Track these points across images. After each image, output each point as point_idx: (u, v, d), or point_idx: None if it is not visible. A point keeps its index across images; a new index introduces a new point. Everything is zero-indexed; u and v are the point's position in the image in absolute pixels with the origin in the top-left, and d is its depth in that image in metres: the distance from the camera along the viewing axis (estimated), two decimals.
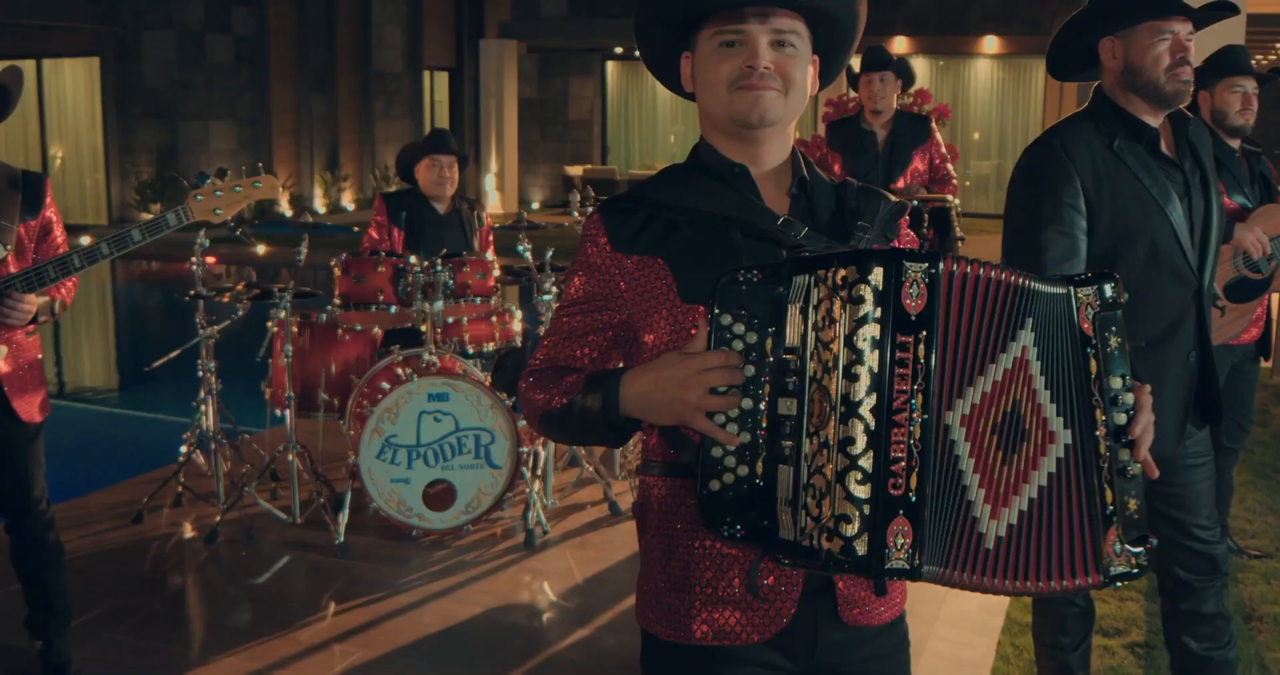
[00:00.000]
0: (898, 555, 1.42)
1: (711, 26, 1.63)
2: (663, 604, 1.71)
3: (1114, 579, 1.54)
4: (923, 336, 1.42)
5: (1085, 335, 1.54)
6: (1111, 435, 1.55)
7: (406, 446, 4.46)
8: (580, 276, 1.74)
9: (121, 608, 3.96)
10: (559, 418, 1.71)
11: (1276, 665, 3.56)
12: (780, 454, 1.52)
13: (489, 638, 3.77)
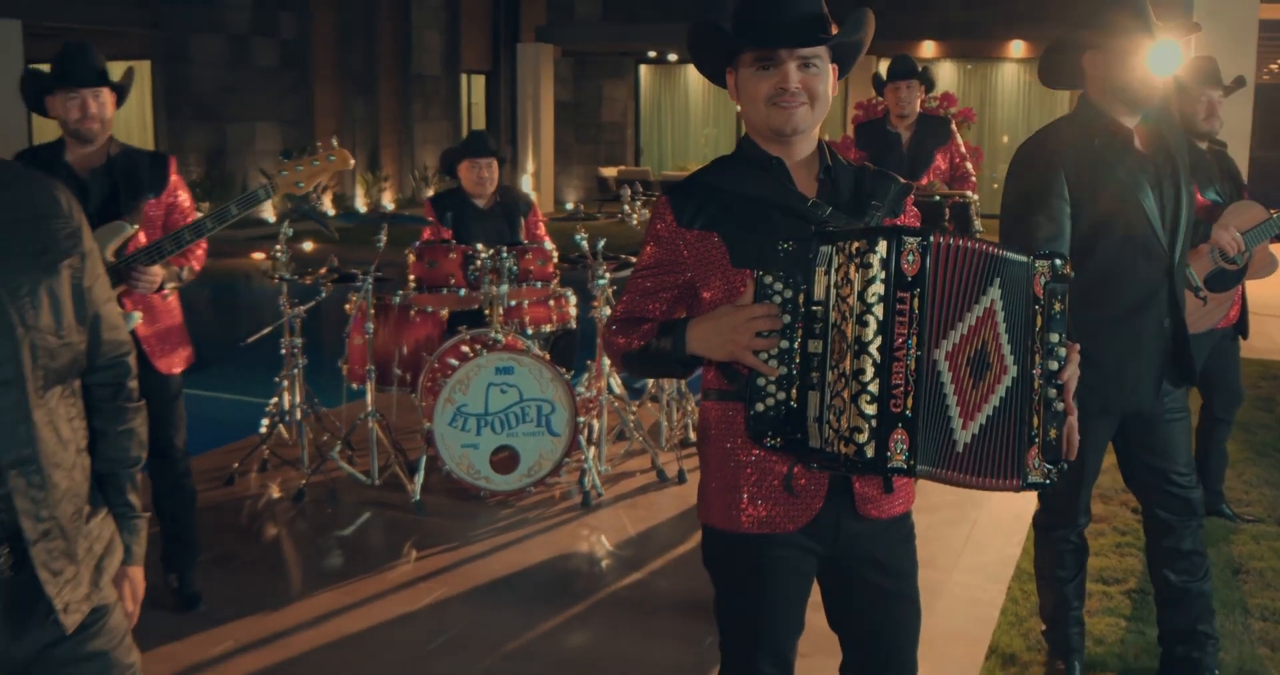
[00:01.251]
0: (897, 457, 1.91)
1: (751, 52, 2.10)
2: (719, 502, 2.19)
3: (1030, 486, 2.05)
4: (917, 292, 1.90)
5: (1037, 296, 2.03)
6: (1044, 377, 2.03)
7: (476, 415, 4.95)
8: (651, 246, 2.22)
9: (225, 553, 4.46)
10: (638, 356, 2.20)
11: (1258, 609, 3.98)
12: (809, 382, 2.01)
13: (552, 580, 4.26)
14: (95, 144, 3.60)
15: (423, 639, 3.77)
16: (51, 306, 1.73)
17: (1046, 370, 2.04)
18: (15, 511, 1.66)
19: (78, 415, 1.83)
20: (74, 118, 3.51)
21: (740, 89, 2.15)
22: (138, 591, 1.97)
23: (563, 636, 3.81)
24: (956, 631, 3.79)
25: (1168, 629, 3.42)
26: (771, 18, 2.06)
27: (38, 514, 1.69)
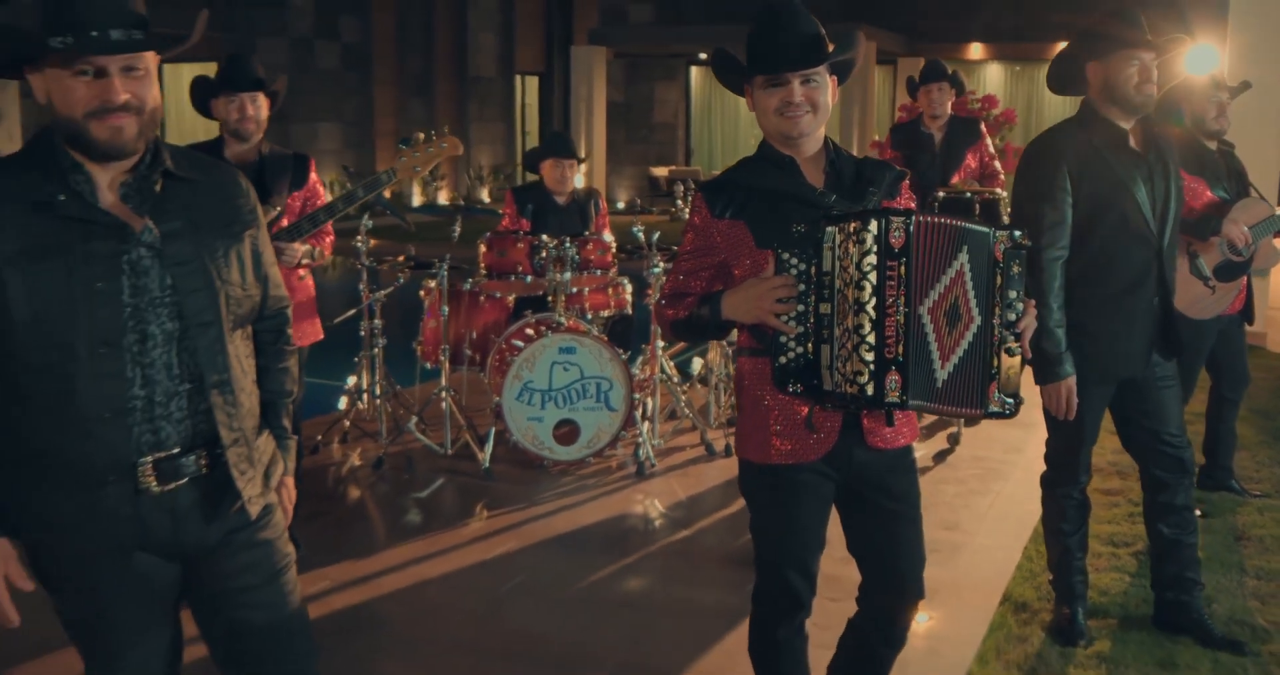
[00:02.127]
0: (893, 394, 2.39)
1: (761, 75, 2.56)
2: (753, 439, 2.65)
3: (990, 414, 2.52)
4: (903, 261, 2.38)
5: (997, 260, 2.47)
6: (1004, 325, 2.48)
7: (541, 391, 5.42)
8: (690, 234, 2.70)
9: (317, 511, 4.96)
10: (684, 323, 2.68)
11: (1254, 569, 4.36)
12: (822, 337, 2.48)
13: (609, 536, 4.72)
14: (250, 142, 4.12)
15: (495, 583, 4.24)
16: (238, 266, 2.21)
17: (1005, 320, 2.49)
18: (215, 422, 2.14)
19: (250, 353, 2.31)
20: (234, 118, 4.04)
21: (755, 102, 2.61)
22: (292, 496, 2.44)
23: (619, 582, 4.27)
24: (975, 582, 4.20)
25: (1159, 577, 3.82)
26: (778, 43, 2.52)
27: (230, 425, 2.17)
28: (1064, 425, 3.64)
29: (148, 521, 2.11)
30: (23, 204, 2.04)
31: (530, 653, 3.67)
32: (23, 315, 2.02)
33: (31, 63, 2.06)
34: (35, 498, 2.09)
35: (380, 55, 20.62)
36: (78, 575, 2.14)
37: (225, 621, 2.24)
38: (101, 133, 2.04)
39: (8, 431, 2.09)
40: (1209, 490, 5.20)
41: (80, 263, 2.03)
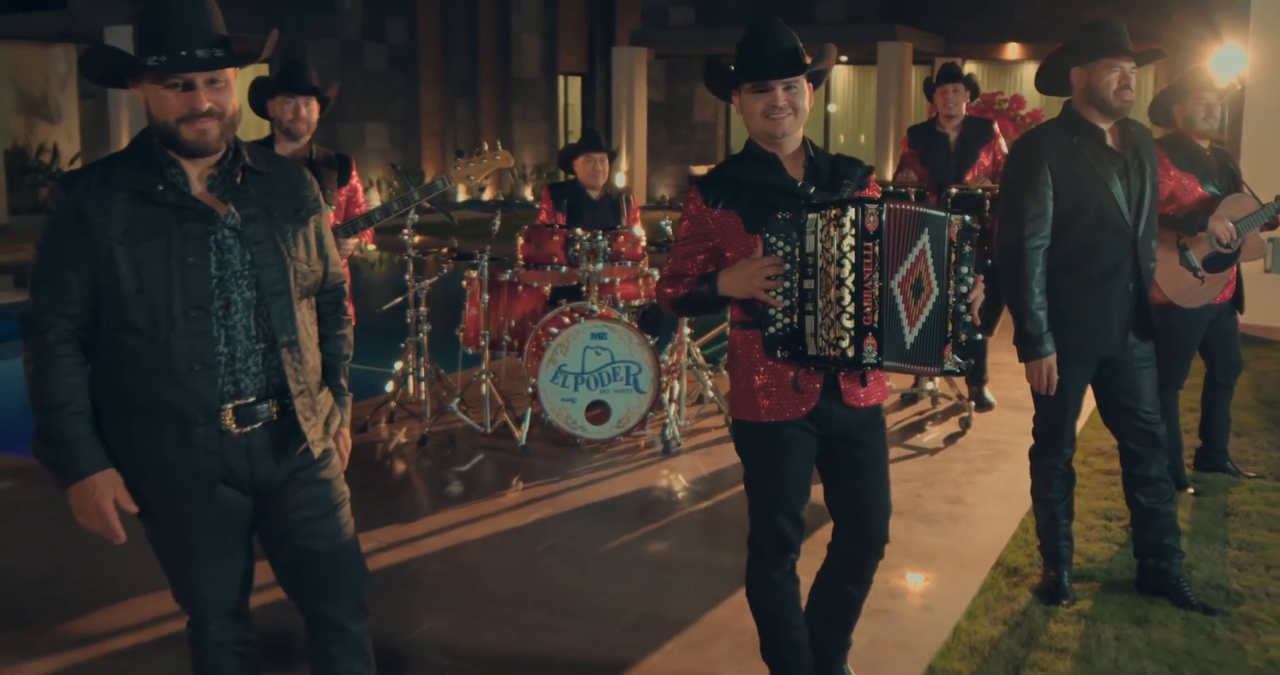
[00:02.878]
0: (870, 355, 2.76)
1: (748, 83, 2.93)
2: (745, 400, 3.03)
3: (946, 372, 2.91)
4: (877, 242, 2.75)
5: (952, 241, 2.84)
6: (957, 296, 2.85)
7: (574, 373, 5.81)
8: (687, 222, 3.07)
9: (365, 482, 5.35)
10: (683, 300, 3.06)
11: (1236, 541, 4.65)
12: (806, 309, 2.85)
13: (637, 506, 5.09)
14: (300, 142, 4.54)
15: (529, 545, 4.63)
16: (304, 245, 2.60)
17: (959, 292, 2.87)
18: (284, 376, 2.54)
19: (314, 321, 2.70)
20: (287, 119, 4.45)
21: (743, 106, 2.98)
22: (348, 444, 2.83)
23: (643, 545, 4.65)
24: (972, 549, 4.54)
25: (1139, 544, 4.15)
26: (763, 55, 2.90)
27: (297, 379, 2.56)
28: (1048, 401, 3.98)
29: (228, 459, 2.51)
30: (128, 193, 2.44)
31: (559, 604, 4.05)
32: (129, 285, 2.42)
33: (133, 77, 2.46)
34: (137, 438, 2.50)
35: (426, 57, 21.10)
36: (169, 504, 2.54)
37: (290, 549, 2.64)
38: (190, 135, 2.44)
39: (113, 384, 2.49)
40: (1205, 471, 5.50)
41: (176, 242, 2.44)
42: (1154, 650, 3.68)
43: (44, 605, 4.01)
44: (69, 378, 2.44)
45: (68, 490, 2.46)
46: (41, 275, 2.45)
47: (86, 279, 2.43)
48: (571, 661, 3.61)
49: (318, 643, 2.70)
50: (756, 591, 3.19)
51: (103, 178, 2.44)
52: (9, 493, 5.23)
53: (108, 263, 2.41)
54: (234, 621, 2.68)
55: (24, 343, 2.47)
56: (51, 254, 2.44)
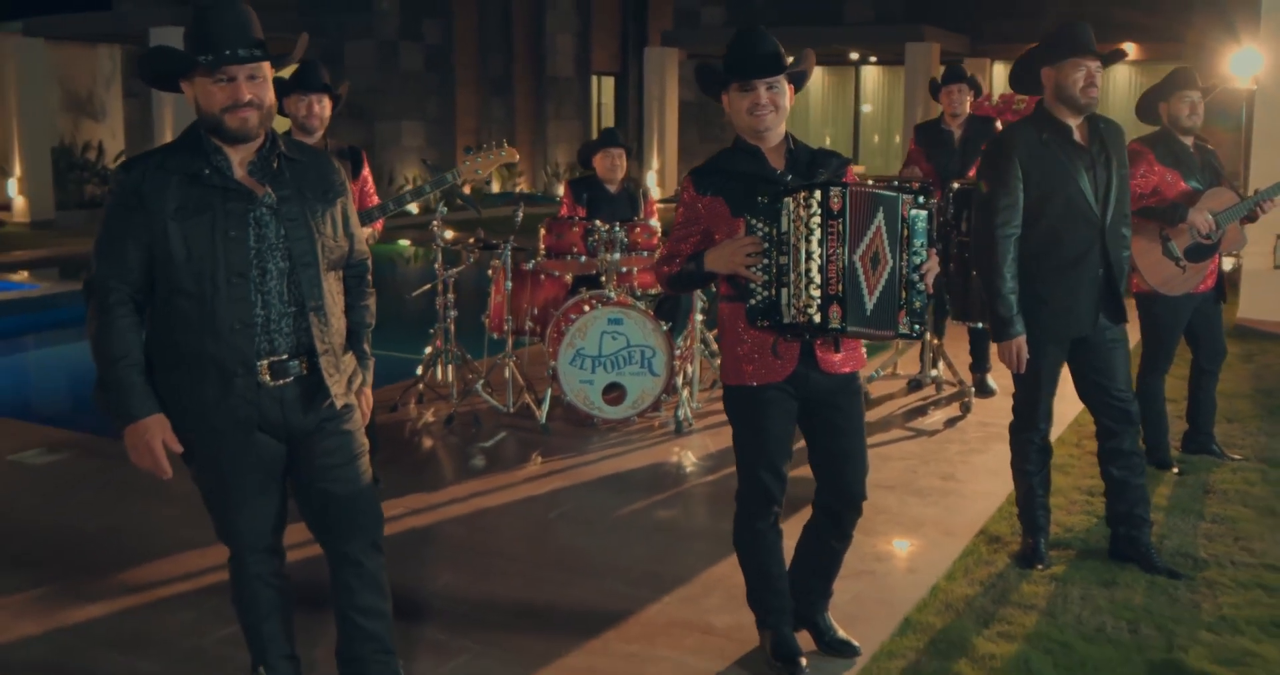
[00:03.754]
0: (835, 322, 3.11)
1: (735, 81, 3.27)
2: (731, 366, 3.37)
3: (900, 335, 3.24)
4: (840, 220, 3.09)
5: (904, 218, 3.17)
6: (910, 267, 3.18)
7: (591, 357, 6.15)
8: (681, 209, 3.41)
9: (392, 458, 5.72)
10: (676, 277, 3.40)
11: (1210, 515, 4.91)
12: (782, 282, 3.18)
13: (649, 478, 5.42)
14: (314, 137, 4.89)
15: (544, 511, 4.98)
16: (331, 223, 2.96)
17: (911, 263, 3.20)
18: (311, 337, 2.89)
19: (340, 291, 3.06)
20: (302, 115, 4.81)
21: (730, 103, 3.32)
22: (369, 402, 3.19)
23: (651, 512, 4.98)
24: (958, 520, 4.84)
25: (1112, 514, 4.43)
26: (748, 57, 3.24)
27: (322, 340, 2.92)
28: (1024, 379, 4.28)
29: (264, 407, 2.88)
30: (179, 176, 2.82)
31: (569, 563, 4.39)
32: (180, 255, 2.80)
33: (185, 76, 2.83)
34: (184, 388, 2.87)
35: (462, 56, 21.51)
36: (212, 447, 2.91)
37: (315, 492, 3.00)
38: (233, 123, 2.81)
39: (165, 340, 2.87)
40: (1191, 453, 5.76)
41: (220, 218, 2.81)
42: (1115, 608, 3.97)
43: (99, 559, 4.39)
44: (126, 334, 2.81)
45: (123, 430, 2.83)
46: (103, 246, 2.83)
47: (142, 250, 2.80)
48: (577, 611, 3.95)
49: (339, 577, 3.06)
50: (742, 541, 3.52)
51: (159, 163, 2.82)
52: (66, 463, 5.63)
53: (162, 236, 2.79)
54: (269, 556, 3.05)
55: (87, 305, 2.85)
56: (112, 228, 2.82)
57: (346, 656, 3.10)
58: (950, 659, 3.59)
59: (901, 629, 3.81)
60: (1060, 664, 3.55)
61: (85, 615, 3.91)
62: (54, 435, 6.07)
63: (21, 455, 5.75)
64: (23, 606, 3.96)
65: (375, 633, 3.09)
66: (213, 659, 3.58)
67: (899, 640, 3.73)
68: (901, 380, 7.22)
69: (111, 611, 3.94)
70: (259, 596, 3.06)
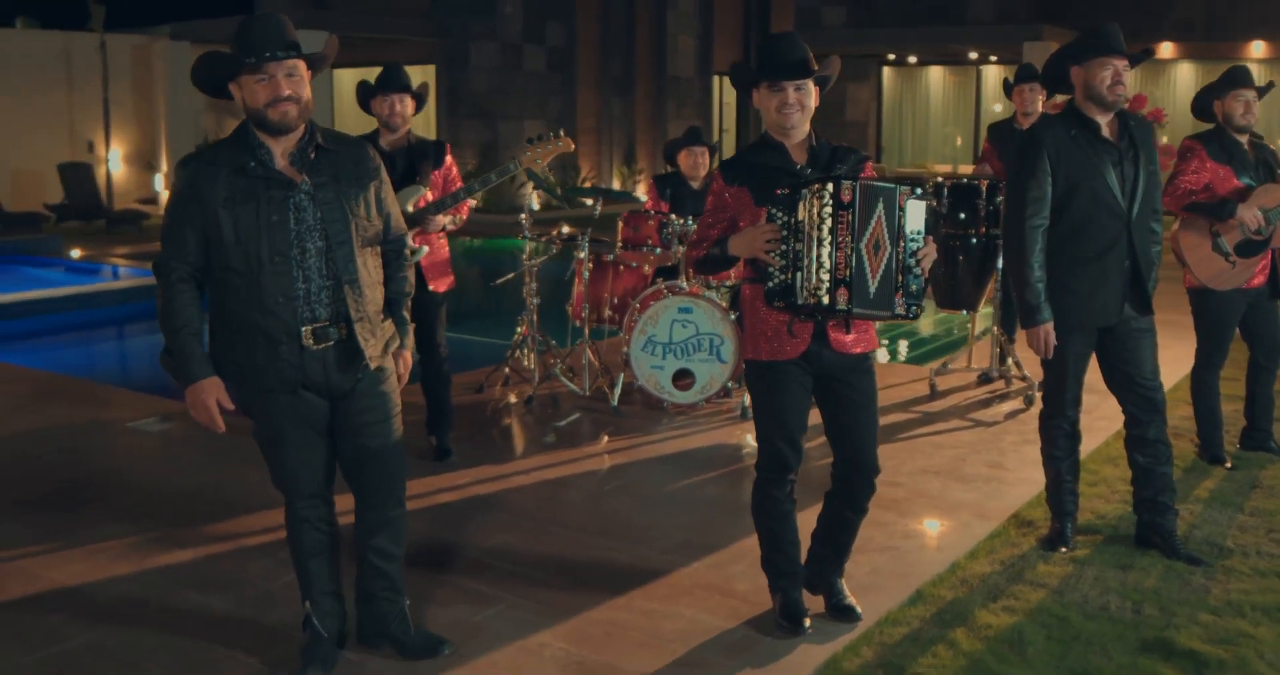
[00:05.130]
0: (841, 304, 3.34)
1: (766, 82, 3.54)
2: (752, 343, 3.66)
3: (896, 315, 3.48)
4: (850, 211, 3.34)
5: (901, 207, 3.41)
6: (907, 253, 3.41)
7: (662, 344, 6.46)
8: (711, 198, 3.71)
9: (471, 433, 6.12)
10: (703, 260, 3.70)
11: (1250, 509, 4.98)
12: (797, 267, 3.45)
13: (706, 458, 5.72)
14: (398, 133, 5.31)
15: (601, 484, 5.32)
16: (365, 206, 3.37)
17: (908, 249, 3.44)
18: (347, 306, 3.30)
19: (377, 266, 3.45)
20: (385, 113, 5.23)
21: (760, 102, 3.61)
22: (408, 364, 3.58)
23: (702, 488, 5.28)
24: (995, 504, 5.02)
25: (1138, 500, 4.57)
26: (779, 61, 3.52)
27: (356, 308, 3.33)
28: (1052, 366, 4.45)
29: (308, 369, 3.30)
30: (228, 169, 3.25)
31: (613, 529, 4.71)
32: (230, 238, 3.22)
33: (233, 78, 3.25)
34: (238, 353, 3.30)
35: (583, 58, 22.01)
36: (264, 404, 3.33)
37: (351, 445, 3.42)
38: (275, 116, 3.22)
39: (221, 311, 3.30)
40: (1249, 450, 5.81)
41: (263, 205, 3.23)
42: (1125, 589, 4.13)
43: (192, 513, 4.87)
44: (187, 307, 3.25)
45: (185, 389, 3.28)
46: (167, 233, 3.28)
47: (199, 234, 3.24)
48: (611, 572, 4.27)
49: (362, 521, 3.51)
50: (758, 507, 3.81)
51: (209, 159, 3.27)
52: (175, 430, 6.18)
53: (214, 221, 3.22)
54: (317, 502, 3.45)
55: (157, 284, 3.30)
56: (174, 216, 3.27)
57: (361, 590, 3.59)
58: (949, 627, 3.80)
59: (912, 600, 4.03)
60: (1053, 636, 3.73)
61: (172, 560, 4.37)
62: (168, 406, 6.63)
63: (139, 423, 6.32)
64: (119, 552, 4.45)
65: (387, 572, 3.54)
66: (278, 600, 4.00)
67: (907, 609, 3.95)
68: (973, 374, 7.36)
69: (195, 558, 4.40)
70: (306, 538, 3.47)
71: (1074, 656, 3.60)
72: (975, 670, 3.51)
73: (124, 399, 6.96)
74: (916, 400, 6.86)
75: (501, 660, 3.57)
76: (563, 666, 3.53)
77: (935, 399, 6.86)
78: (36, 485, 5.29)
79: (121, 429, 6.22)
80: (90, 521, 4.77)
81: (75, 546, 4.49)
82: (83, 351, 9.87)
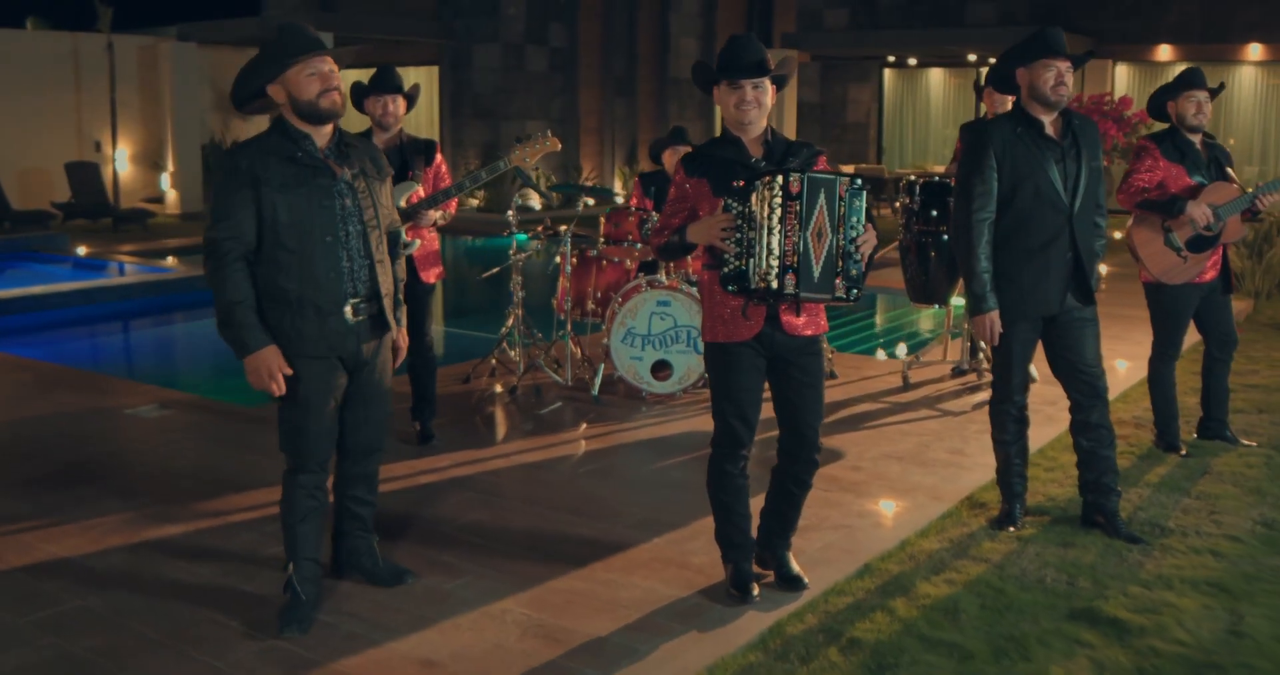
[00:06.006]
0: (789, 288, 3.60)
1: (725, 81, 3.78)
2: (709, 325, 3.91)
3: (837, 299, 3.72)
4: (798, 201, 3.59)
5: (842, 197, 3.64)
6: (847, 240, 3.65)
7: (641, 335, 6.69)
8: (674, 189, 3.96)
9: (456, 420, 6.36)
10: (665, 246, 3.95)
11: (1197, 492, 5.19)
12: (750, 253, 3.70)
13: (681, 443, 5.95)
14: (390, 132, 5.56)
15: (575, 468, 5.55)
16: (385, 196, 3.78)
17: (849, 237, 3.70)
18: (378, 282, 3.71)
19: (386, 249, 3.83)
20: (379, 113, 5.49)
21: (720, 99, 3.84)
22: (405, 338, 3.98)
23: (670, 472, 5.51)
24: (951, 487, 5.23)
25: (1082, 482, 4.79)
26: (738, 62, 3.77)
27: (384, 285, 3.76)
28: (999, 353, 4.68)
29: (345, 339, 3.72)
30: (279, 157, 3.63)
31: (582, 508, 4.94)
32: (285, 219, 3.61)
33: (277, 79, 3.62)
34: (286, 324, 3.67)
35: (585, 59, 22.25)
36: (302, 371, 3.71)
37: (354, 409, 3.86)
38: (326, 103, 3.63)
39: (272, 287, 3.65)
40: (1205, 439, 6.02)
41: (313, 190, 3.64)
42: (1064, 564, 4.35)
43: (184, 492, 5.12)
44: (242, 283, 3.62)
45: (244, 359, 3.64)
46: (220, 214, 3.63)
47: (251, 216, 3.60)
48: (576, 546, 4.50)
49: (344, 473, 3.98)
50: (713, 481, 4.05)
51: (259, 147, 3.65)
52: (172, 417, 6.43)
53: (270, 205, 3.61)
54: (320, 471, 3.82)
55: (208, 261, 3.65)
56: (228, 199, 3.62)
57: (337, 529, 4.06)
58: (890, 597, 4.03)
59: (859, 573, 4.26)
60: (987, 605, 3.96)
61: (163, 534, 4.62)
62: (165, 394, 6.88)
63: (137, 410, 6.57)
64: (114, 527, 4.70)
65: (360, 515, 4.01)
66: (262, 566, 4.25)
67: (854, 581, 4.18)
68: (947, 367, 7.58)
69: (186, 532, 4.65)
70: (301, 504, 3.81)
71: (1004, 623, 3.83)
72: (908, 634, 3.74)
73: (123, 388, 7.22)
74: (889, 391, 7.08)
75: (465, 623, 3.80)
76: (523, 629, 3.77)
77: (907, 390, 7.09)
78: (38, 465, 5.54)
79: (120, 415, 6.48)
80: (87, 499, 5.02)
81: (71, 522, 4.74)
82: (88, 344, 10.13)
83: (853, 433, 6.11)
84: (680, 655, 3.60)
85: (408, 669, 3.51)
